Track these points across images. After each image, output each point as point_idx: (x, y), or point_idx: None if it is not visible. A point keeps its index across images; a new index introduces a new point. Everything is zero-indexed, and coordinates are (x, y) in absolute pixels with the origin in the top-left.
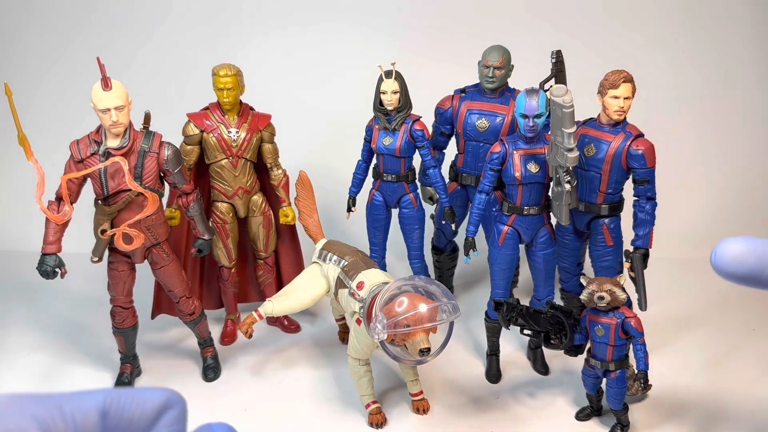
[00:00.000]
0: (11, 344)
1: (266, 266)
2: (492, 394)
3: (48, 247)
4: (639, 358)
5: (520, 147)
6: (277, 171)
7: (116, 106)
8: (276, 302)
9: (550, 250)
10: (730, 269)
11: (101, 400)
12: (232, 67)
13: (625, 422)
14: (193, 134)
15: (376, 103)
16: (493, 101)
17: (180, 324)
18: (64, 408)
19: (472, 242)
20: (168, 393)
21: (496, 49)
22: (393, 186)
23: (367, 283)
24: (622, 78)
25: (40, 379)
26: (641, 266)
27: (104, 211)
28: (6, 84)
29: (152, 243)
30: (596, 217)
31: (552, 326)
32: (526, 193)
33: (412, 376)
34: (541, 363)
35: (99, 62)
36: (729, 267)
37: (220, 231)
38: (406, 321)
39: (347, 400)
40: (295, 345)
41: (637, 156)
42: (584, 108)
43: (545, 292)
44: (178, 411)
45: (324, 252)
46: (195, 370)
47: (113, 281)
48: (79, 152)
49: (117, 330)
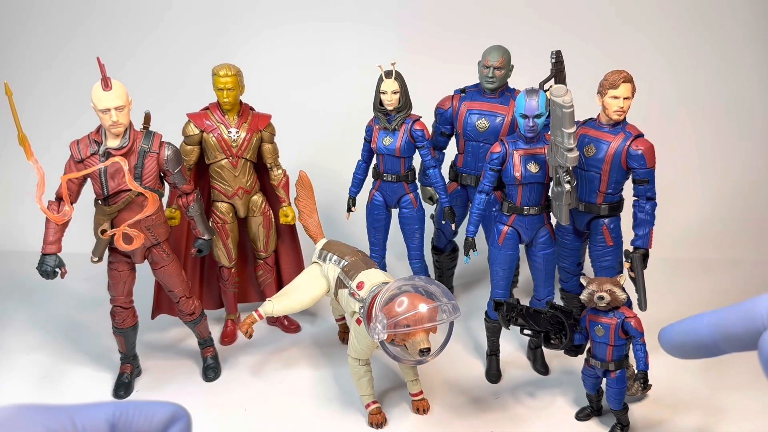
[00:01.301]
0: (11, 344)
1: (266, 266)
2: (492, 394)
3: (48, 247)
4: (639, 358)
5: (520, 147)
6: (277, 171)
7: (116, 106)
8: (276, 302)
9: (550, 250)
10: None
11: (111, 412)
12: (232, 67)
13: (625, 422)
14: (193, 134)
15: (376, 103)
16: (493, 101)
17: (180, 324)
18: (76, 420)
19: (472, 242)
20: (174, 407)
21: (496, 49)
22: (393, 186)
23: (367, 283)
24: (621, 78)
25: (40, 379)
26: (641, 266)
27: (104, 211)
28: (6, 84)
29: (152, 243)
30: (596, 217)
31: (552, 326)
32: (526, 193)
33: (412, 376)
34: (541, 363)
35: (99, 62)
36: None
37: (220, 231)
38: (406, 321)
39: (347, 400)
40: (295, 345)
41: (637, 156)
42: (584, 108)
43: (545, 292)
44: (184, 425)
45: (324, 252)
46: (195, 370)
47: (113, 281)
48: (79, 152)
49: (117, 330)
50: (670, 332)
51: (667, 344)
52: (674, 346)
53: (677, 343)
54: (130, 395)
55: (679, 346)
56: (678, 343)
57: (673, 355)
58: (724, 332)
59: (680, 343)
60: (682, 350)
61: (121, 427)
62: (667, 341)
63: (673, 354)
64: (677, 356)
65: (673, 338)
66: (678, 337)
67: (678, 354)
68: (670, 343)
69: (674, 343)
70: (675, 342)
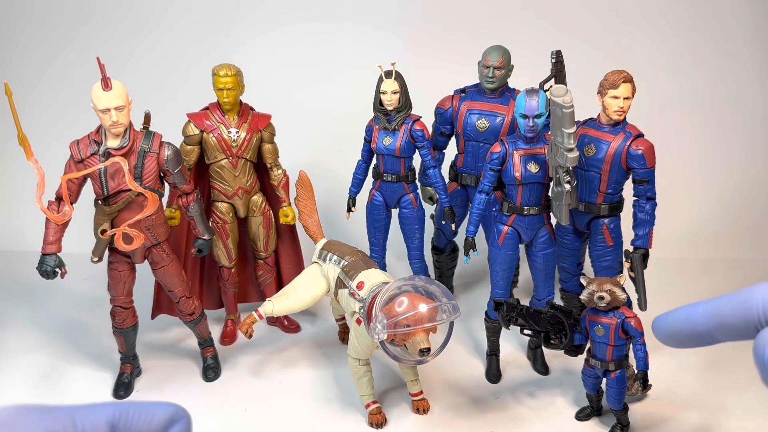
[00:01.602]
0: (11, 344)
1: (266, 266)
2: (492, 394)
3: (48, 247)
4: (639, 358)
5: (520, 147)
6: (277, 171)
7: (116, 107)
8: (276, 302)
9: (550, 250)
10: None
11: (111, 413)
12: (232, 67)
13: (625, 422)
14: (193, 134)
15: (376, 103)
16: (493, 101)
17: (180, 324)
18: (76, 420)
19: (472, 242)
20: (174, 408)
21: (496, 49)
22: (393, 186)
23: (367, 283)
24: (621, 78)
25: (40, 379)
26: (641, 266)
27: (104, 211)
28: (6, 84)
29: (152, 243)
30: (596, 217)
31: (552, 326)
32: (526, 193)
33: (412, 376)
34: (541, 363)
35: (99, 62)
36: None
37: (220, 231)
38: (406, 321)
39: (347, 400)
40: (295, 345)
41: (637, 156)
42: (584, 108)
43: (545, 292)
44: (184, 425)
45: (324, 252)
46: (195, 370)
47: (113, 281)
48: (79, 152)
49: (117, 330)
50: (664, 321)
51: (660, 333)
52: (668, 334)
53: (672, 332)
54: (130, 395)
55: (673, 335)
56: (672, 331)
57: (666, 344)
58: (720, 321)
59: (675, 331)
60: (676, 339)
61: (121, 428)
62: (662, 330)
63: (667, 343)
64: (671, 345)
65: (668, 327)
66: (673, 326)
67: (672, 343)
68: (664, 332)
69: (669, 331)
70: (669, 331)
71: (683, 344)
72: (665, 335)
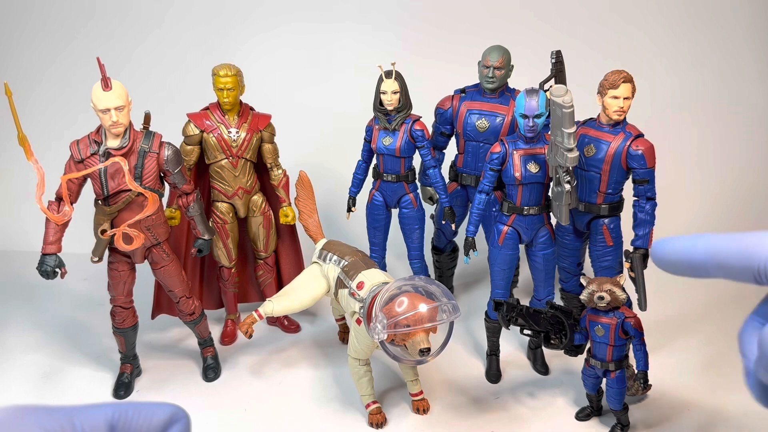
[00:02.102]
0: (11, 344)
1: (266, 266)
2: (492, 394)
3: (48, 247)
4: (639, 358)
5: (520, 147)
6: (277, 171)
7: (116, 107)
8: (276, 302)
9: (550, 250)
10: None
11: (110, 413)
12: (232, 67)
13: (625, 422)
14: (193, 134)
15: (376, 103)
16: (493, 101)
17: (180, 324)
18: (75, 421)
19: (472, 242)
20: (173, 408)
21: (495, 49)
22: (393, 186)
23: (367, 283)
24: (621, 78)
25: (40, 379)
26: (641, 266)
27: (104, 211)
28: (6, 84)
29: (152, 243)
30: (596, 217)
31: (552, 326)
32: (526, 193)
33: (412, 376)
34: (541, 363)
35: (99, 62)
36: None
37: (220, 231)
38: (406, 321)
39: (347, 400)
40: (295, 345)
41: (637, 156)
42: (584, 108)
43: (545, 292)
44: (183, 426)
45: (324, 252)
46: (195, 370)
47: (113, 281)
48: (79, 152)
49: (117, 330)
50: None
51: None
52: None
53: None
54: (130, 395)
55: (672, 264)
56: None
57: (664, 270)
58: (719, 261)
59: (674, 260)
60: (674, 267)
61: (120, 428)
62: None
63: (665, 269)
64: (669, 272)
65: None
66: (671, 255)
67: (669, 270)
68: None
69: (668, 259)
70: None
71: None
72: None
